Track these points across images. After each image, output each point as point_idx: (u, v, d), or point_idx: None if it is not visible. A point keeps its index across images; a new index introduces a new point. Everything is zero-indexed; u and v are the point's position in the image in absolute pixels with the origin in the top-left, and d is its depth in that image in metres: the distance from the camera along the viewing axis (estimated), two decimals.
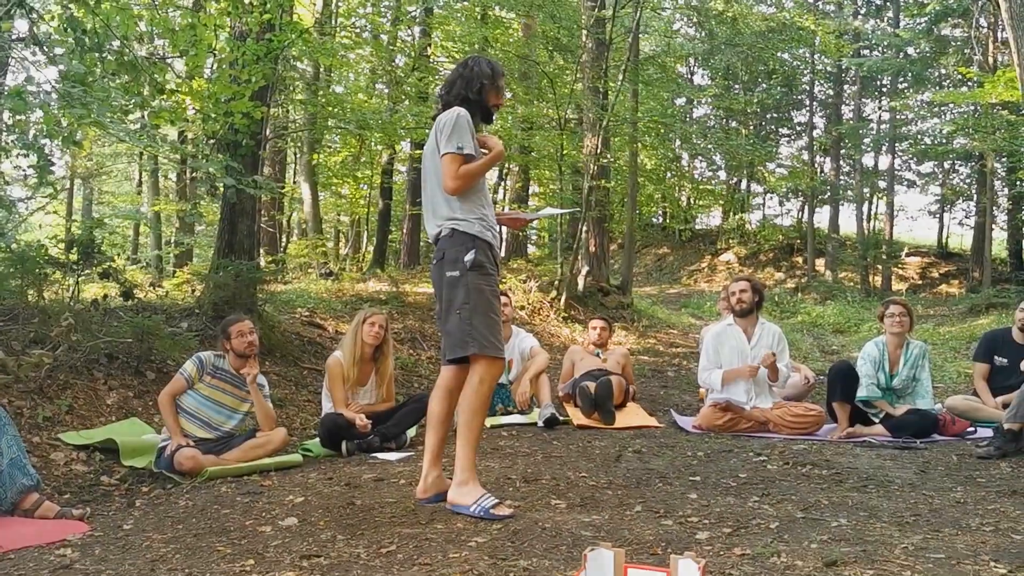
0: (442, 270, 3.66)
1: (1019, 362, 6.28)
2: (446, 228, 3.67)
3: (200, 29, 6.15)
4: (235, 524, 3.52)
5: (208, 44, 6.30)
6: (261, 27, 6.91)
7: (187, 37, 6.11)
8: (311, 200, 15.52)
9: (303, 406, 6.65)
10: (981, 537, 3.10)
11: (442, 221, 3.69)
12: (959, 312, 17.00)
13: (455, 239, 3.63)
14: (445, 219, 3.68)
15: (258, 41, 6.68)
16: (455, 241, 3.63)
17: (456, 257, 3.60)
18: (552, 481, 4.15)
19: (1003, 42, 18.64)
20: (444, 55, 16.70)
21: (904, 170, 28.09)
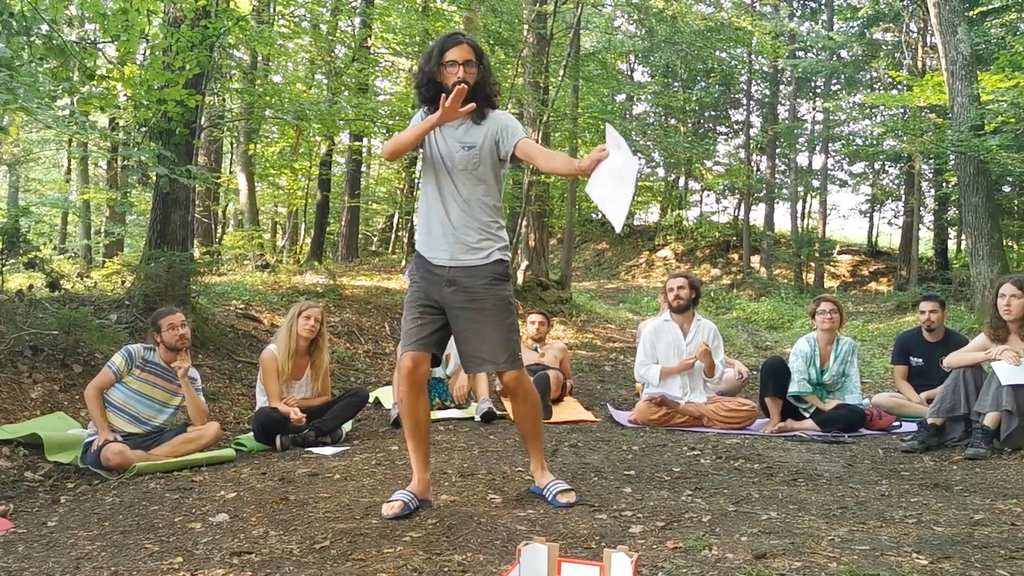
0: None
1: (933, 360, 6.50)
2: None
3: (132, 14, 5.99)
4: (164, 521, 3.45)
5: (141, 29, 6.14)
6: (196, 13, 6.77)
7: (119, 22, 5.95)
8: (247, 191, 15.28)
9: (237, 400, 6.55)
10: (904, 529, 3.18)
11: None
12: (887, 309, 17.44)
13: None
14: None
15: (193, 27, 6.54)
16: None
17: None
18: (488, 476, 4.16)
19: (932, 47, 19.17)
20: (384, 46, 16.57)
21: (837, 170, 28.75)
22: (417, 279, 3.58)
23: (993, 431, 4.80)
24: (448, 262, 3.49)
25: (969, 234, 13.60)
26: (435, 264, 3.52)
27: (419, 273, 3.58)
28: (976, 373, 5.10)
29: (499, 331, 3.49)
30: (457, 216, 3.48)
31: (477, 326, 3.47)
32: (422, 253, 3.57)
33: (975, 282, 13.07)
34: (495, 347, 3.48)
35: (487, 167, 3.50)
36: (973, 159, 12.69)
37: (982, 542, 2.93)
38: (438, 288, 3.51)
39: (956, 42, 13.06)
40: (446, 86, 3.38)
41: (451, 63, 3.40)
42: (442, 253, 3.50)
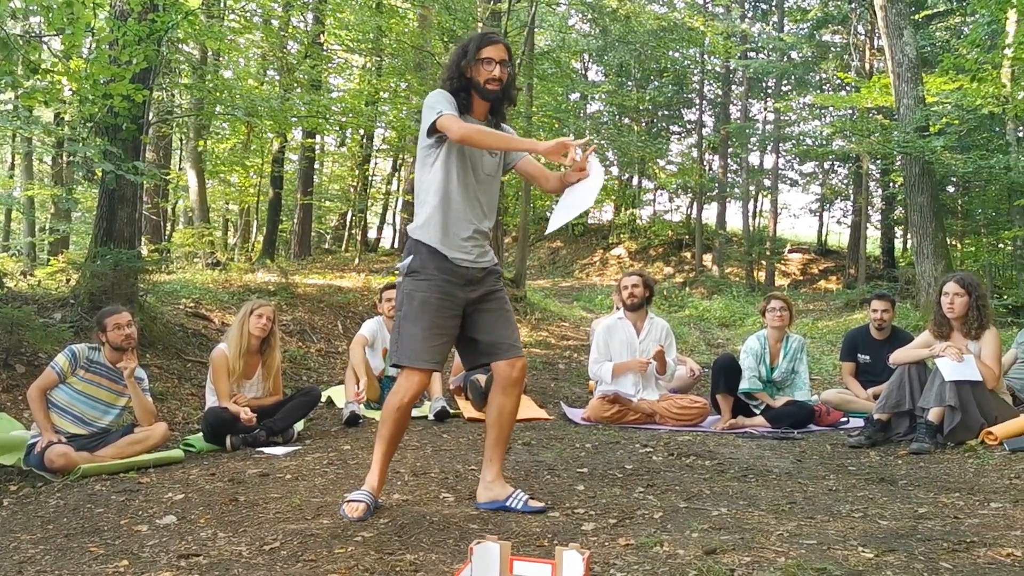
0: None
1: (880, 357, 6.64)
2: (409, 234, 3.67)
3: (78, 7, 5.86)
4: (109, 523, 3.39)
5: (86, 22, 6.01)
6: (144, 7, 6.63)
7: (64, 15, 5.82)
8: (197, 188, 15.05)
9: (186, 400, 6.45)
10: (851, 523, 3.24)
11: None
12: (836, 307, 17.73)
13: (408, 244, 3.56)
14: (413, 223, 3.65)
15: (140, 21, 6.41)
16: (407, 247, 3.56)
17: (405, 265, 3.53)
18: (441, 474, 4.14)
19: (879, 49, 19.52)
20: (338, 43, 16.44)
21: (787, 169, 29.11)
22: (438, 280, 3.43)
23: (936, 426, 4.90)
24: (473, 263, 3.48)
25: (915, 233, 13.89)
26: (459, 265, 3.45)
27: (440, 274, 3.43)
28: (920, 369, 5.21)
29: (513, 320, 3.64)
30: (480, 220, 3.52)
31: (502, 315, 3.56)
32: (445, 253, 3.43)
33: (920, 280, 13.35)
34: (515, 333, 3.61)
35: (499, 175, 3.63)
36: (918, 160, 12.95)
37: (925, 535, 2.99)
38: (461, 288, 3.46)
39: (902, 45, 13.33)
40: (477, 82, 3.45)
41: (487, 60, 3.43)
42: (468, 255, 3.46)
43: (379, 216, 23.97)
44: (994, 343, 5.11)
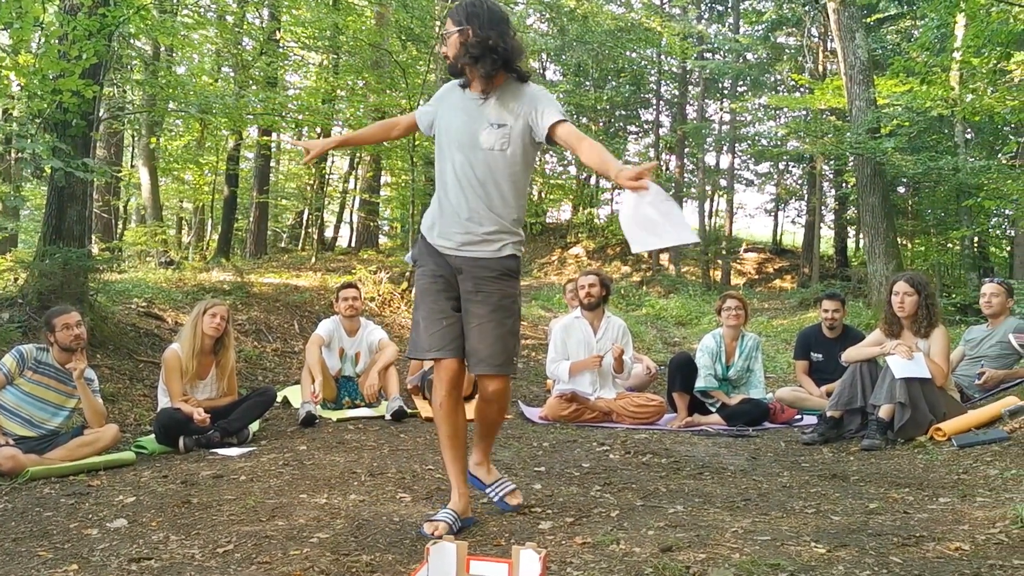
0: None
1: (832, 355, 6.75)
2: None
3: (26, 1, 5.74)
4: (58, 527, 3.32)
5: (35, 17, 5.89)
6: (95, 1, 6.52)
7: (12, 8, 5.69)
8: (150, 185, 14.82)
9: (138, 401, 6.34)
10: (804, 519, 3.28)
11: None
12: (790, 306, 17.95)
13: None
14: None
15: (91, 16, 6.30)
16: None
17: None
18: (398, 474, 4.12)
19: (832, 52, 19.82)
20: (294, 40, 16.29)
21: (743, 169, 29.43)
22: (431, 265, 3.26)
23: (887, 423, 4.98)
24: (454, 251, 3.21)
25: (867, 233, 14.13)
26: (441, 252, 3.24)
27: (431, 259, 3.26)
28: (872, 367, 5.29)
29: (500, 331, 3.18)
30: (470, 201, 3.17)
31: (481, 322, 3.17)
32: (427, 238, 3.29)
33: (872, 279, 13.58)
34: (494, 348, 3.17)
35: (517, 150, 3.17)
36: (870, 161, 13.18)
37: (876, 530, 3.03)
38: (451, 273, 3.24)
39: (854, 48, 13.55)
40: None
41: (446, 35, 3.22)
42: (448, 241, 3.22)
43: (336, 215, 23.80)
44: (942, 341, 5.22)
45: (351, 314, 6.60)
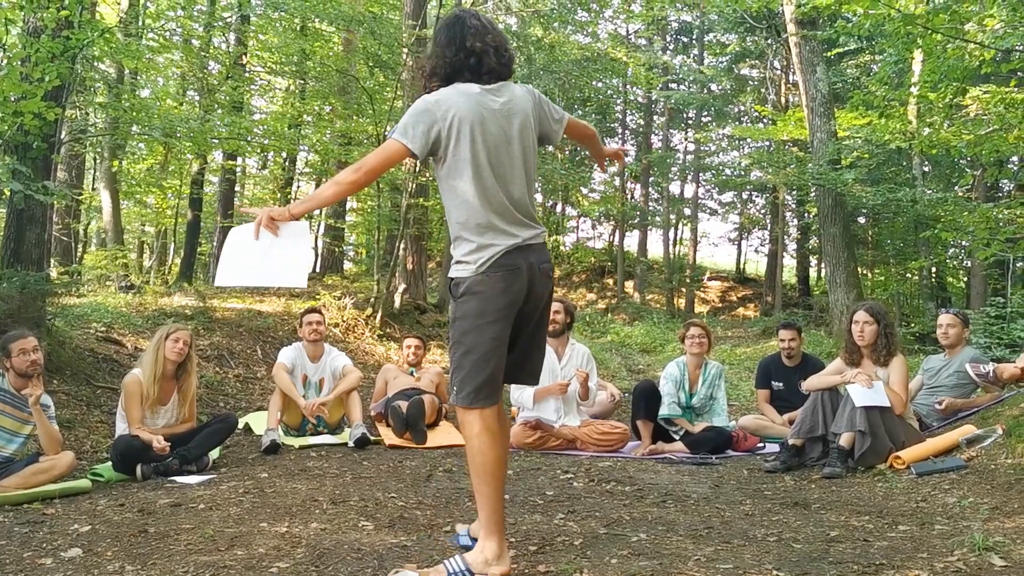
0: (550, 287, 3.11)
1: (792, 383, 6.84)
2: (543, 234, 3.11)
3: None
4: (11, 556, 3.25)
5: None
6: (58, 24, 6.46)
7: None
8: (111, 209, 14.64)
9: (95, 427, 6.23)
10: (766, 547, 3.29)
11: (539, 224, 3.11)
12: (754, 334, 18.13)
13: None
14: (540, 222, 3.13)
15: (54, 38, 6.25)
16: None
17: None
18: (361, 502, 4.08)
19: (794, 84, 20.16)
20: (260, 65, 16.26)
21: (707, 199, 29.79)
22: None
23: (848, 451, 5.03)
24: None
25: (828, 262, 14.31)
26: None
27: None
28: (833, 395, 5.34)
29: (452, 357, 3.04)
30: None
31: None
32: None
33: (833, 308, 13.74)
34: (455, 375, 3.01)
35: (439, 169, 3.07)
36: (831, 191, 13.37)
37: (837, 558, 3.06)
38: None
39: (815, 80, 13.80)
40: None
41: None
42: None
43: None
44: (901, 370, 5.29)
45: (315, 339, 6.56)
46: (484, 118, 2.97)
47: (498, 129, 2.99)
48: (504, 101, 3.03)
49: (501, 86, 3.07)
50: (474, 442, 2.92)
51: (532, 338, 3.11)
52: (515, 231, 2.97)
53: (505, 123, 3.01)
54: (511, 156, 3.02)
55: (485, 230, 2.95)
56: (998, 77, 10.73)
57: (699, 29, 26.38)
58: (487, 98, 3.01)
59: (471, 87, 3.02)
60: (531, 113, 3.09)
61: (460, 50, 3.04)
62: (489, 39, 3.06)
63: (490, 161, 2.97)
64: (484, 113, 2.97)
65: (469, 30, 3.06)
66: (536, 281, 3.00)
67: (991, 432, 4.89)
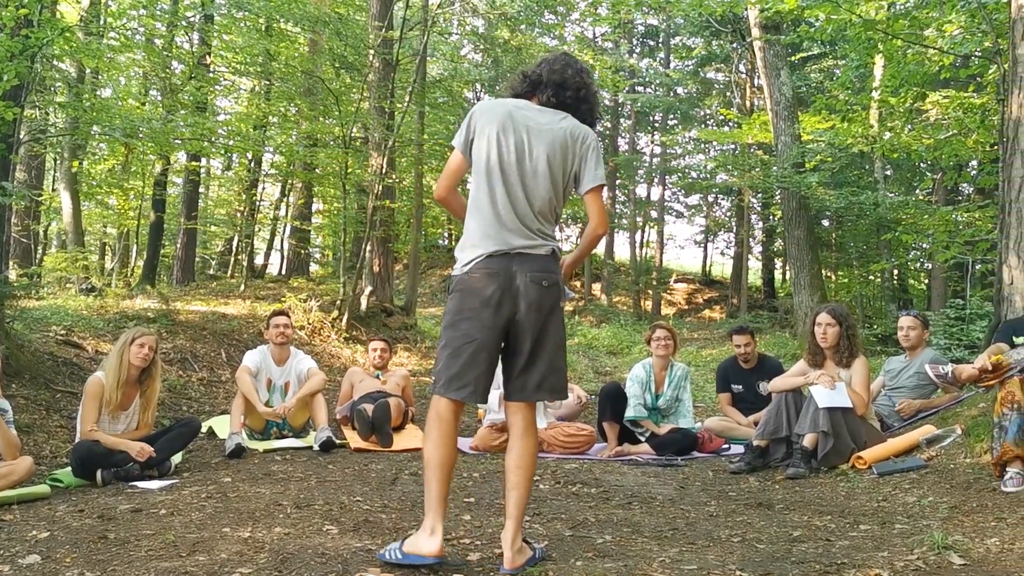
0: (557, 298, 3.10)
1: (751, 385, 6.92)
2: (551, 249, 3.11)
3: None
4: None
5: None
6: (17, 22, 6.36)
7: None
8: (72, 210, 14.42)
9: (54, 432, 6.12)
10: (730, 547, 3.31)
11: (548, 238, 3.12)
12: (719, 336, 18.25)
13: (559, 266, 3.14)
14: (551, 236, 3.14)
15: (13, 37, 6.16)
16: (559, 268, 3.15)
17: (563, 288, 3.15)
18: (325, 506, 4.05)
19: (759, 88, 20.36)
20: (224, 65, 16.11)
21: (673, 201, 30.02)
22: None
23: (811, 451, 5.08)
24: None
25: (792, 265, 14.47)
26: None
27: None
28: (797, 397, 5.40)
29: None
30: None
31: None
32: None
33: (798, 310, 13.90)
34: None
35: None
36: (795, 194, 13.53)
37: (799, 557, 3.08)
38: None
39: (779, 85, 13.96)
40: None
41: None
42: None
43: (266, 242, 23.49)
44: (863, 371, 5.36)
45: (282, 341, 6.50)
46: (508, 126, 3.09)
47: (520, 143, 3.08)
48: (545, 121, 3.13)
49: (554, 111, 3.17)
50: (427, 426, 3.10)
51: (535, 351, 3.09)
52: (508, 238, 3.04)
53: (534, 138, 3.09)
54: (534, 174, 3.09)
55: (480, 233, 3.07)
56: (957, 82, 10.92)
57: (665, 33, 26.57)
58: (527, 112, 3.14)
59: (519, 101, 3.20)
60: (569, 143, 3.12)
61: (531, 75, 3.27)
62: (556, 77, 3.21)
63: (502, 166, 3.08)
64: (513, 122, 3.10)
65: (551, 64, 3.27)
66: (525, 290, 3.02)
67: (950, 432, 4.96)
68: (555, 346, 3.11)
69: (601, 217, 3.15)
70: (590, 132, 3.19)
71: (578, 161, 3.14)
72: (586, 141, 3.15)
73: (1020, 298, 5.78)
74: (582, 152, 3.14)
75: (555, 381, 3.13)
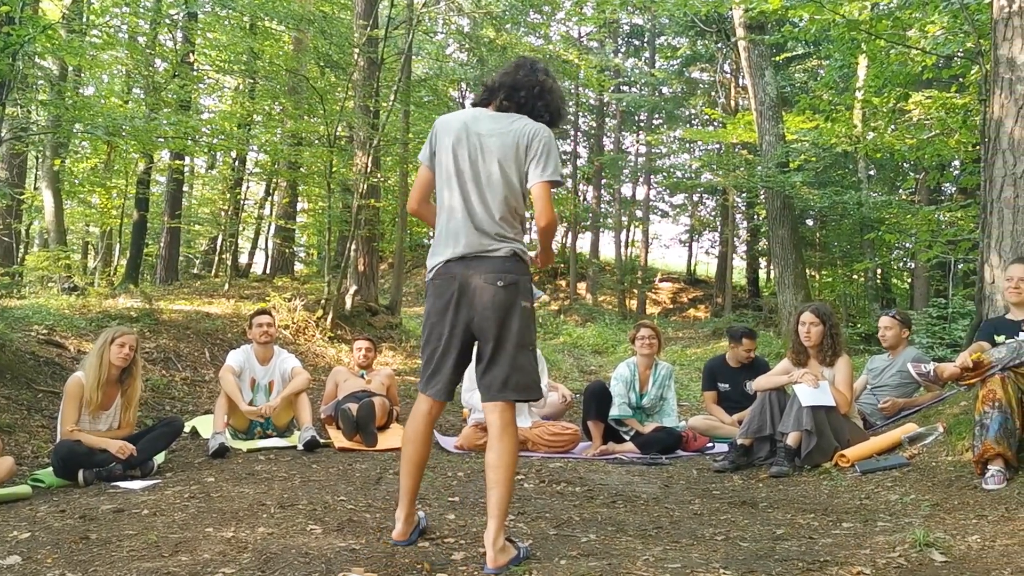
0: (516, 297, 3.14)
1: (739, 384, 6.94)
2: (512, 250, 3.19)
3: None
4: None
5: None
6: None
7: None
8: (54, 208, 14.31)
9: (36, 432, 6.08)
10: (714, 546, 3.32)
11: (509, 240, 3.19)
12: (704, 335, 18.32)
13: (522, 267, 3.21)
14: (512, 239, 3.20)
15: None
16: (523, 269, 3.22)
17: (528, 287, 3.21)
18: (309, 506, 4.04)
19: (743, 88, 20.44)
20: (208, 63, 16.03)
21: (658, 201, 30.07)
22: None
23: (795, 450, 5.10)
24: None
25: (776, 264, 14.52)
26: None
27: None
28: (780, 395, 5.42)
29: None
30: None
31: None
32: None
33: (782, 309, 13.95)
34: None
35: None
36: (779, 194, 13.57)
37: (783, 555, 3.09)
38: None
39: (764, 84, 14.00)
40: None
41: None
42: None
43: (251, 241, 23.40)
44: (846, 370, 5.39)
45: (265, 341, 6.48)
46: (462, 137, 3.23)
47: (473, 149, 3.21)
48: (498, 127, 3.23)
49: (508, 115, 3.27)
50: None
51: (496, 351, 3.16)
52: (465, 243, 3.17)
53: (484, 147, 3.21)
54: (487, 178, 3.20)
55: (442, 240, 3.24)
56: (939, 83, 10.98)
57: (650, 32, 26.62)
58: (481, 121, 3.26)
59: (476, 110, 3.35)
60: (520, 144, 3.19)
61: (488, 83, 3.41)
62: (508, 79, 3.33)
63: (458, 174, 3.22)
64: (467, 132, 3.23)
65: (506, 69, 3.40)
66: (480, 292, 3.13)
67: (932, 430, 4.99)
68: (516, 346, 3.15)
69: (543, 211, 3.19)
70: (541, 129, 3.25)
71: (528, 159, 3.20)
72: (536, 138, 3.20)
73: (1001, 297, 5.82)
74: (532, 149, 3.20)
75: (520, 380, 3.17)
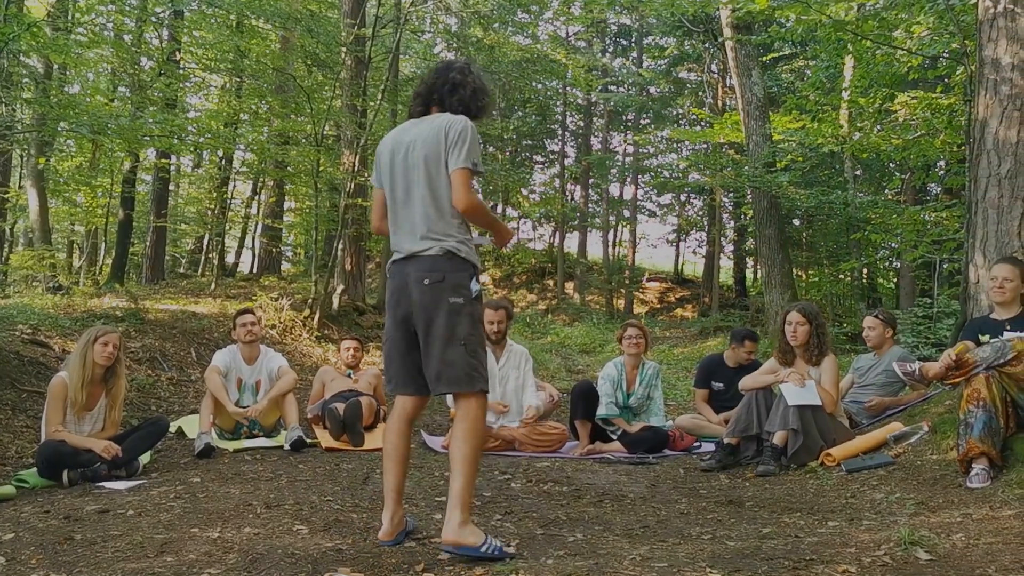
0: (442, 294, 3.22)
1: (733, 383, 6.92)
2: (443, 248, 3.26)
3: None
4: None
5: None
6: None
7: None
8: (38, 207, 14.24)
9: (20, 432, 6.04)
10: (700, 545, 3.33)
11: (438, 238, 3.27)
12: (691, 334, 18.35)
13: (455, 263, 3.27)
14: (442, 236, 3.27)
15: None
16: (456, 265, 3.27)
17: (460, 283, 3.26)
18: (296, 506, 4.02)
19: (730, 87, 20.48)
20: (195, 61, 15.96)
21: (646, 200, 30.07)
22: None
23: (781, 449, 5.12)
24: None
25: (763, 264, 14.57)
26: None
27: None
28: (767, 395, 5.44)
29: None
30: None
31: None
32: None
33: (769, 308, 13.99)
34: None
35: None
36: (766, 194, 13.61)
37: (769, 554, 3.10)
38: None
39: (751, 84, 14.04)
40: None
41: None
42: None
43: (238, 240, 23.32)
44: (832, 369, 5.41)
45: (250, 339, 6.45)
46: (395, 148, 3.42)
47: (403, 157, 3.38)
48: (420, 130, 3.37)
49: (429, 118, 3.42)
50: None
51: (426, 346, 3.29)
52: (403, 245, 3.36)
53: (411, 150, 3.35)
54: (415, 180, 3.33)
55: (392, 245, 3.44)
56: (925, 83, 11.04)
57: (638, 32, 26.64)
58: (407, 130, 3.43)
59: (406, 123, 3.50)
60: (440, 139, 3.29)
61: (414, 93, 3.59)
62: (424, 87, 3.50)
63: (393, 184, 3.41)
64: (397, 143, 3.42)
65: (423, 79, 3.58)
66: (411, 289, 3.29)
67: (917, 429, 5.02)
68: (444, 340, 3.22)
69: (459, 197, 3.26)
70: (457, 119, 3.32)
71: (447, 148, 3.28)
72: (452, 128, 3.28)
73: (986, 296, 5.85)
74: (449, 139, 3.28)
75: (450, 374, 3.24)
